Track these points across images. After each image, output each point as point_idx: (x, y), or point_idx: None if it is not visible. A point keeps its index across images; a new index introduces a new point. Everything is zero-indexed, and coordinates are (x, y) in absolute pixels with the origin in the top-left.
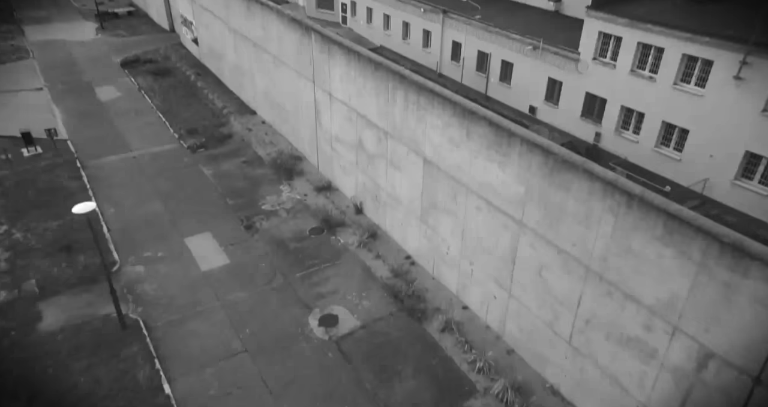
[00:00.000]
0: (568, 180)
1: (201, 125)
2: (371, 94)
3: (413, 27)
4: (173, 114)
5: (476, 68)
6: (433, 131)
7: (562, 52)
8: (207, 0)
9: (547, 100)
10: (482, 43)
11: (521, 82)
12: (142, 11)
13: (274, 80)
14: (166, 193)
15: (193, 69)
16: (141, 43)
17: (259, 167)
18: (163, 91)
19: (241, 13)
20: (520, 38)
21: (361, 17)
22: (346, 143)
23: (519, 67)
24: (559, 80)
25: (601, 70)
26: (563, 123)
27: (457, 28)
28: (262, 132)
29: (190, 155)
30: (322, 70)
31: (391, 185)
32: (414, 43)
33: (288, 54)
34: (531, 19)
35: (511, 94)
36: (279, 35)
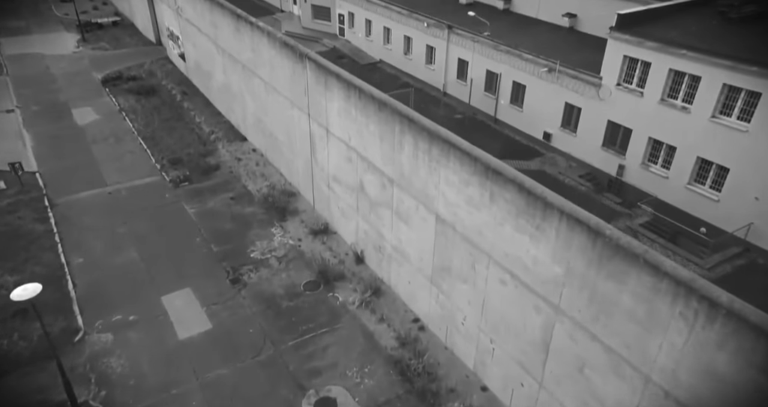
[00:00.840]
0: (622, 271)
1: (186, 154)
2: (374, 136)
3: (416, 42)
4: (156, 140)
5: (485, 88)
6: (448, 187)
7: (582, 76)
8: (193, 15)
9: (564, 126)
10: (491, 63)
11: (534, 105)
12: (127, 21)
13: (265, 107)
14: (144, 237)
15: (179, 87)
16: (125, 57)
17: (248, 205)
18: (146, 113)
19: (230, 32)
20: (534, 59)
21: (360, 29)
22: (346, 184)
23: (532, 89)
24: (578, 106)
25: (626, 98)
26: (582, 152)
27: (463, 45)
28: (253, 162)
29: (172, 191)
30: (319, 102)
31: (396, 238)
32: (416, 58)
33: (280, 80)
34: (544, 37)
35: (523, 118)
36: (270, 60)
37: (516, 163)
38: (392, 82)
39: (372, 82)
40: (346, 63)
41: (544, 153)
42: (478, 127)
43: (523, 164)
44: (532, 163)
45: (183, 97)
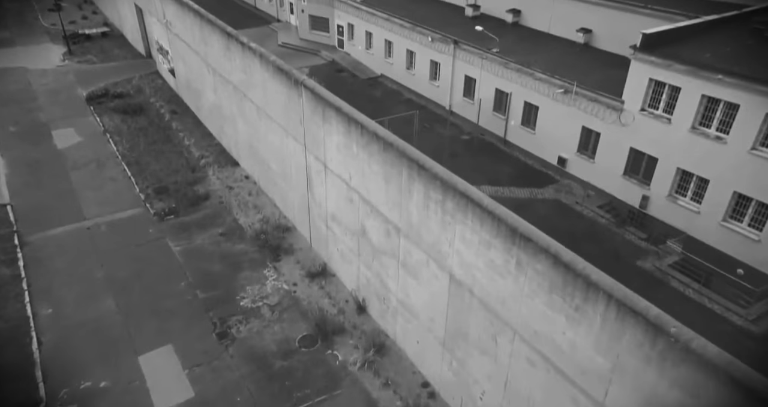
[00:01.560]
0: (695, 382)
1: (172, 182)
2: (378, 177)
3: (419, 56)
4: (141, 166)
5: (494, 108)
6: (466, 246)
7: (601, 100)
8: (182, 30)
9: (581, 151)
10: (501, 81)
11: (548, 128)
12: (117, 31)
13: (258, 133)
14: (122, 283)
15: (168, 105)
16: (112, 71)
17: (239, 241)
18: (131, 134)
19: (220, 51)
20: (548, 79)
21: (360, 41)
22: (346, 226)
23: (546, 111)
24: (596, 131)
25: (652, 124)
26: (601, 180)
27: (470, 61)
28: (245, 191)
29: (156, 225)
30: (316, 134)
31: (403, 292)
32: (420, 74)
33: (274, 107)
34: (558, 54)
35: (535, 141)
36: (263, 83)
37: (528, 190)
38: (394, 99)
39: (373, 98)
40: (346, 77)
41: (558, 180)
42: (486, 149)
43: (537, 192)
44: (545, 191)
45: (172, 117)
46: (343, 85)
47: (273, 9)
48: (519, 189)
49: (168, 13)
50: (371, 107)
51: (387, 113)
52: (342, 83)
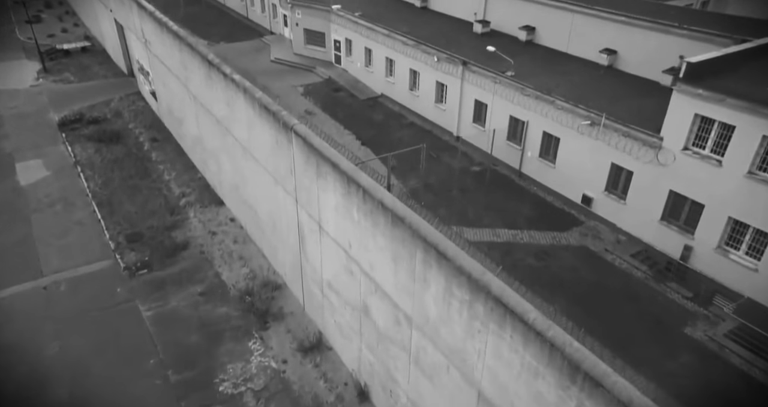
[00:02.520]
0: None
1: (148, 227)
2: (385, 254)
3: (424, 77)
4: (113, 207)
5: (508, 136)
6: (502, 365)
7: (635, 134)
8: (162, 52)
9: (609, 191)
10: (516, 109)
11: (571, 162)
12: (99, 46)
13: (243, 175)
14: (80, 364)
15: (148, 132)
16: (90, 91)
17: (221, 303)
18: (106, 167)
19: (202, 79)
20: (571, 108)
21: (359, 58)
22: (345, 299)
23: (569, 143)
24: (629, 169)
25: (697, 166)
26: (633, 224)
27: (481, 85)
28: (230, 238)
29: (126, 282)
30: (309, 188)
31: (416, 392)
32: (424, 95)
33: (261, 149)
34: (580, 78)
35: (555, 176)
36: (248, 121)
37: (551, 235)
38: (396, 122)
39: (373, 122)
40: (343, 97)
41: (583, 221)
42: (500, 182)
43: (560, 237)
44: (570, 235)
45: (152, 146)
46: (340, 106)
47: (266, 21)
48: (540, 233)
49: (147, 31)
50: (371, 132)
51: (389, 138)
52: (339, 104)
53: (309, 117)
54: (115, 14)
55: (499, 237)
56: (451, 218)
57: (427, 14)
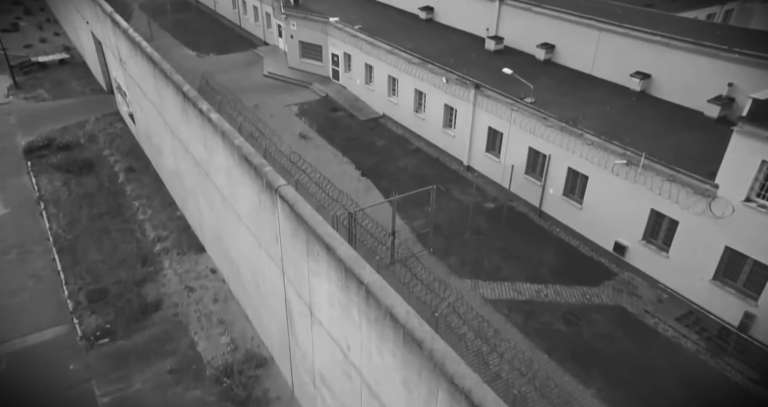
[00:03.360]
0: None
1: (115, 281)
2: (394, 375)
3: (431, 99)
4: (78, 254)
5: (526, 170)
6: None
7: (682, 179)
8: (137, 74)
9: (648, 240)
10: (537, 140)
11: (601, 204)
12: (78, 58)
13: (224, 226)
14: None
15: (125, 160)
16: (64, 111)
17: (194, 384)
18: (73, 203)
19: (177, 111)
20: (603, 143)
21: (358, 74)
22: (342, 402)
23: (599, 183)
24: (673, 218)
25: (763, 221)
26: (678, 281)
27: (496, 111)
28: (210, 294)
29: (82, 355)
30: (297, 264)
31: None
32: (431, 119)
33: (242, 205)
34: (610, 105)
35: (582, 217)
36: (228, 171)
37: (580, 290)
38: (400, 148)
39: (375, 147)
40: (342, 118)
41: (616, 273)
42: (518, 223)
43: (591, 294)
44: (602, 290)
45: (128, 177)
46: (338, 128)
47: (259, 30)
48: (567, 289)
49: (122, 50)
50: (372, 159)
51: (391, 167)
52: (337, 126)
53: (304, 142)
54: (91, 27)
55: (521, 294)
56: (464, 269)
57: (433, 28)
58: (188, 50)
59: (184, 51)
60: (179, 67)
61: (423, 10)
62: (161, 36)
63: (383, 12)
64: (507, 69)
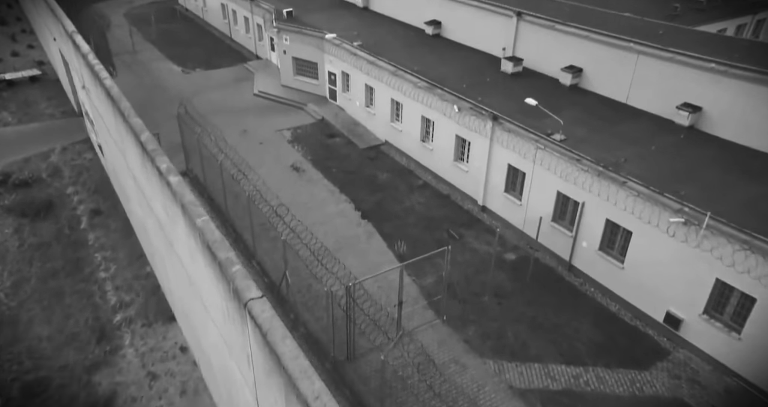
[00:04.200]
0: None
1: (61, 366)
2: None
3: (440, 128)
4: (19, 328)
5: (554, 217)
6: None
7: (762, 247)
8: (99, 105)
9: (711, 314)
10: (568, 186)
11: (648, 265)
12: (52, 75)
13: (193, 310)
14: None
15: (91, 199)
16: (29, 138)
17: None
18: (23, 257)
19: (138, 159)
20: (651, 194)
21: (357, 96)
22: None
23: (646, 240)
24: (750, 295)
25: None
26: (753, 370)
27: (518, 148)
28: (176, 385)
29: None
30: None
31: None
32: (440, 151)
33: (208, 300)
34: (655, 143)
35: (623, 279)
36: (191, 254)
37: (628, 376)
38: (405, 183)
39: (376, 182)
40: (339, 146)
41: (669, 351)
42: (545, 279)
43: (641, 380)
44: (654, 376)
45: (91, 222)
46: (336, 158)
47: (251, 43)
48: (611, 373)
49: (85, 76)
50: (374, 197)
51: (396, 207)
52: (334, 156)
53: (297, 175)
54: (59, 44)
55: (556, 380)
56: (484, 344)
57: (441, 45)
58: (173, 65)
59: (168, 66)
60: (161, 85)
61: (430, 25)
62: (144, 48)
63: (385, 26)
64: (531, 99)
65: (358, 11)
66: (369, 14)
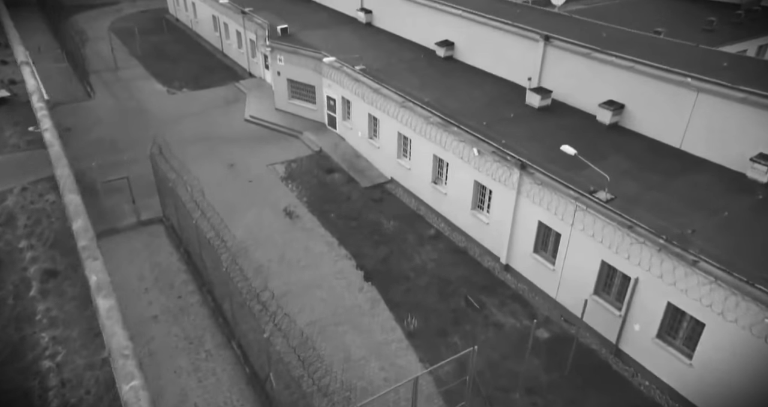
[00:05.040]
0: None
1: None
2: None
3: (456, 171)
4: None
5: (596, 288)
6: None
7: None
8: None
9: None
10: (617, 258)
11: (729, 365)
12: (23, 97)
13: None
14: None
15: (47, 255)
16: None
17: None
18: None
19: None
20: (735, 283)
21: (360, 125)
22: None
23: (726, 336)
24: None
25: None
26: None
27: (552, 206)
28: None
29: None
30: None
31: None
32: (456, 196)
33: None
34: (726, 208)
35: (692, 379)
36: None
37: None
38: (415, 233)
39: (381, 231)
40: (338, 183)
41: None
42: (587, 368)
43: None
44: None
45: (43, 288)
46: (335, 199)
47: (243, 59)
48: None
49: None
50: (379, 251)
51: (405, 264)
52: (333, 197)
53: (289, 223)
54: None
55: None
56: None
57: (455, 70)
58: (157, 84)
59: (152, 85)
60: (142, 108)
61: (441, 46)
62: (128, 64)
63: (391, 46)
64: (568, 147)
65: (361, 28)
66: (372, 31)
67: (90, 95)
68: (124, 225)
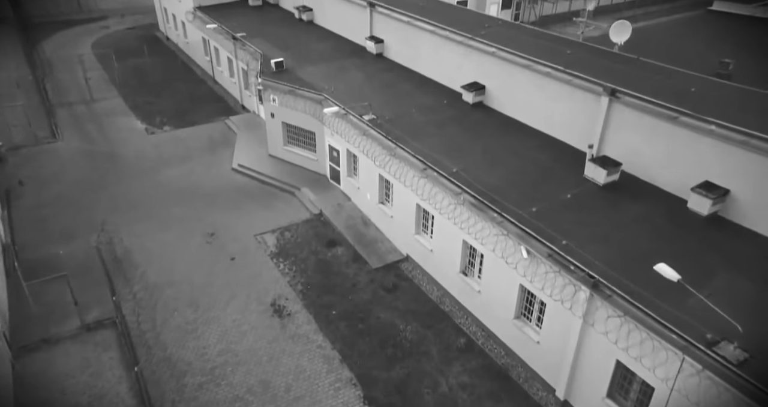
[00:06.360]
0: None
1: None
2: None
3: (495, 268)
4: None
5: None
6: None
7: None
8: None
9: None
10: None
11: None
12: None
13: None
14: None
15: None
16: None
17: None
18: None
19: None
20: None
21: (368, 185)
22: None
23: None
24: None
25: None
26: None
27: (642, 350)
28: None
29: None
30: None
31: None
32: (494, 298)
33: None
34: None
35: None
36: None
37: None
38: (440, 337)
39: (398, 338)
40: (343, 262)
41: None
42: None
43: None
44: None
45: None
46: (336, 288)
47: (236, 90)
48: None
49: None
50: (394, 374)
51: (430, 397)
52: (335, 284)
53: (278, 325)
54: None
55: None
56: None
57: (489, 124)
58: (136, 120)
59: (129, 122)
60: (114, 153)
61: (470, 90)
62: (105, 95)
63: (407, 86)
64: (666, 268)
65: (370, 61)
66: (384, 66)
67: (56, 136)
68: (63, 331)
